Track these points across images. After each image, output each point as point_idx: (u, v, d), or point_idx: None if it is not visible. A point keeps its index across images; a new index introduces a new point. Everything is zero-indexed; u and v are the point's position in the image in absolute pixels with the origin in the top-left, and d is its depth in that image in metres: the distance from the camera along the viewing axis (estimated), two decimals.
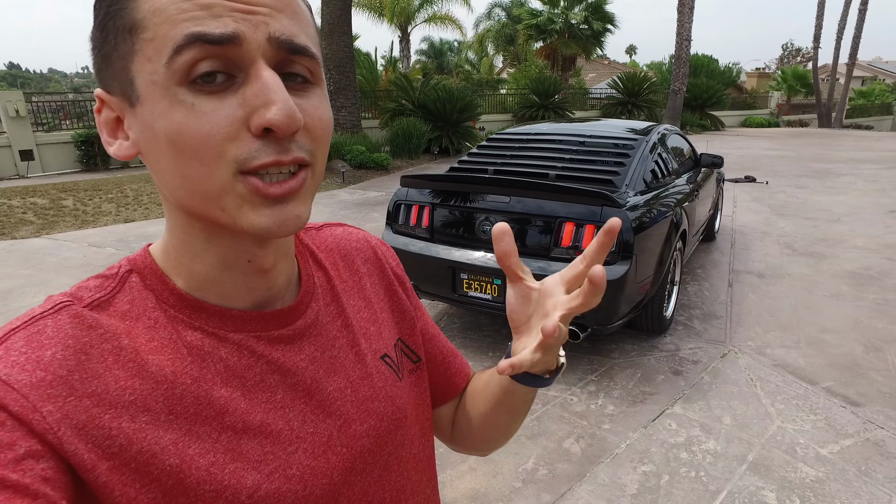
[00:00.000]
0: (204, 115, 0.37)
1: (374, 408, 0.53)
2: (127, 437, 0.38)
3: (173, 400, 0.41)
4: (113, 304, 0.43)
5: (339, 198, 7.90)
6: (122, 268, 0.46)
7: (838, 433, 2.39)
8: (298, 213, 0.42)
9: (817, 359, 3.05)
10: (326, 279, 0.56)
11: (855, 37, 22.77)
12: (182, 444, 0.40)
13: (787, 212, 6.65)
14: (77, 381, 0.38)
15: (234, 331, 0.46)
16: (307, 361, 0.49)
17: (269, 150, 0.39)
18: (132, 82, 0.39)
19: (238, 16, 0.38)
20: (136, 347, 0.41)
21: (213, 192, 0.39)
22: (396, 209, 3.28)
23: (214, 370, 0.44)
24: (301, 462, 0.46)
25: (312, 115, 0.41)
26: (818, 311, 3.68)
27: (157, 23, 0.37)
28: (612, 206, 2.68)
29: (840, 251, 5.00)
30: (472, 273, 2.91)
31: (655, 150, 3.52)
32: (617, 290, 2.65)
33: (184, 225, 0.44)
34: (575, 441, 2.39)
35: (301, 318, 0.50)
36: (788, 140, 16.05)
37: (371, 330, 0.57)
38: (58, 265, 4.79)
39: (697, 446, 2.34)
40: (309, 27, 0.43)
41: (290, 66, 0.41)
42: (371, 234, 0.68)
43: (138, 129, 0.41)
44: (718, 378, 2.87)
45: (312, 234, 0.60)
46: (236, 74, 0.38)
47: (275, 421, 0.45)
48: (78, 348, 0.39)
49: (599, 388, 2.79)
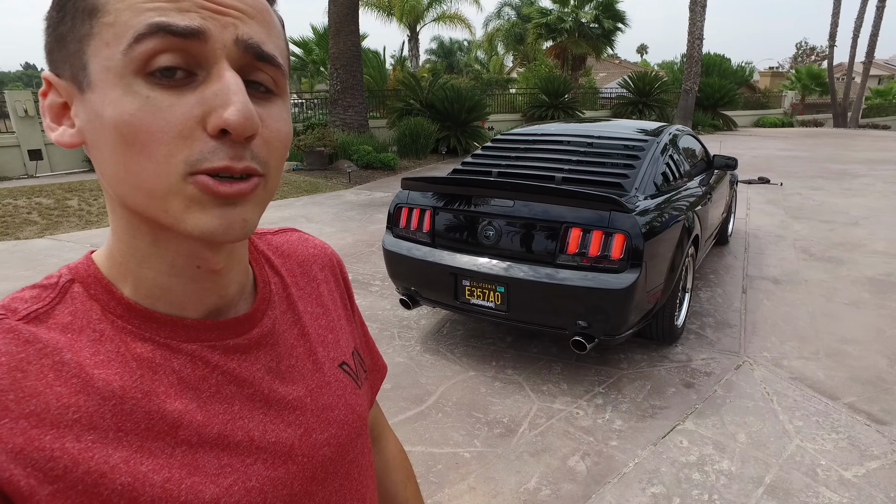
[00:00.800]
0: (158, 110, 0.36)
1: (335, 416, 0.52)
2: (72, 457, 0.36)
3: (122, 416, 0.39)
4: (52, 316, 0.40)
5: (344, 198, 7.82)
6: (62, 277, 0.43)
7: (863, 454, 2.24)
8: (245, 218, 0.40)
9: (838, 372, 2.90)
10: (283, 286, 0.55)
11: (872, 34, 22.33)
12: (134, 461, 0.38)
13: (802, 214, 6.46)
14: (12, 401, 0.35)
15: (186, 341, 0.44)
16: (264, 371, 0.48)
17: (222, 153, 0.37)
18: (85, 67, 0.38)
19: (206, 13, 0.37)
20: (79, 362, 0.39)
21: (158, 191, 0.38)
22: (397, 212, 3.17)
23: (167, 382, 0.42)
24: (261, 473, 0.45)
25: (271, 125, 0.41)
26: (837, 320, 3.53)
27: (119, 8, 0.36)
28: (621, 211, 2.55)
29: (859, 256, 4.82)
30: (474, 280, 2.79)
31: (667, 151, 3.38)
32: (626, 298, 2.52)
33: (128, 227, 0.42)
34: (580, 459, 2.26)
35: (257, 327, 0.49)
36: (803, 140, 15.76)
37: (329, 338, 0.57)
38: (59, 266, 4.72)
39: (710, 466, 2.20)
40: (279, 39, 0.42)
41: (254, 73, 0.40)
42: (326, 241, 0.67)
43: (85, 117, 0.39)
44: (732, 391, 2.73)
45: (268, 240, 0.59)
46: (197, 72, 0.37)
47: (233, 432, 0.44)
48: (13, 366, 0.37)
49: (607, 402, 2.67)
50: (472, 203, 2.89)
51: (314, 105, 14.47)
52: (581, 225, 2.61)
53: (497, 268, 2.74)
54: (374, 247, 5.20)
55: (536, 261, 2.70)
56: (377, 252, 4.96)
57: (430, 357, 3.12)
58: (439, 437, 2.42)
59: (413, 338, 3.36)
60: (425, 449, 2.33)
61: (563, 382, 2.84)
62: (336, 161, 10.15)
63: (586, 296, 2.55)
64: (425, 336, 3.39)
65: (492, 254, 2.81)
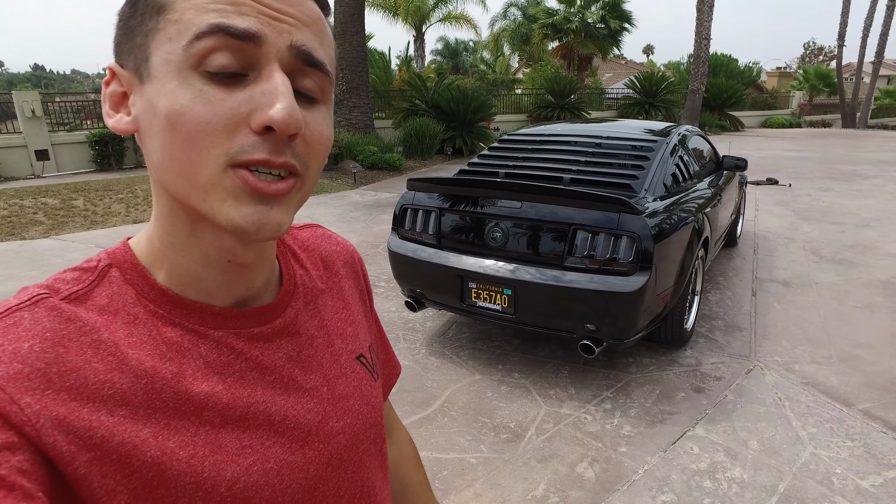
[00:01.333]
0: (209, 102, 0.38)
1: (350, 406, 0.54)
2: (107, 429, 0.38)
3: (152, 394, 0.41)
4: (91, 297, 0.43)
5: (349, 199, 7.79)
6: (101, 261, 0.45)
7: (880, 463, 2.19)
8: (279, 222, 0.42)
9: (852, 377, 2.84)
10: (307, 278, 0.57)
11: (882, 34, 22.11)
12: (161, 437, 0.40)
13: (811, 216, 6.39)
14: (55, 373, 0.38)
15: (213, 327, 0.46)
16: (285, 359, 0.50)
17: (263, 147, 0.39)
18: (148, 59, 0.40)
19: (264, 19, 0.39)
20: (115, 341, 0.41)
21: (199, 180, 0.40)
22: (403, 213, 3.14)
23: (194, 366, 0.44)
24: (279, 456, 0.46)
25: (314, 128, 0.42)
26: (850, 324, 3.46)
27: (185, 7, 0.39)
28: (631, 213, 2.51)
29: (871, 258, 4.75)
30: (480, 282, 2.75)
31: (676, 152, 3.33)
32: (635, 302, 2.47)
33: (169, 214, 0.45)
34: (589, 465, 2.22)
35: (280, 317, 0.51)
36: (811, 141, 15.62)
37: (348, 331, 0.58)
38: (64, 266, 4.65)
39: (722, 474, 2.16)
40: (329, 48, 0.44)
41: (302, 79, 0.42)
42: (348, 240, 0.68)
43: (141, 107, 0.41)
44: (743, 396, 2.68)
45: (294, 234, 0.61)
46: (248, 73, 0.39)
47: (254, 416, 0.46)
48: (56, 341, 0.39)
49: (615, 406, 2.62)
50: (479, 204, 2.85)
51: None
52: (590, 227, 2.56)
53: (504, 270, 2.70)
54: (379, 248, 5.17)
55: (544, 263, 2.66)
56: (382, 253, 4.92)
57: (435, 360, 3.09)
58: (445, 442, 2.38)
59: (418, 340, 3.33)
60: (430, 454, 2.29)
61: (571, 386, 2.80)
62: (341, 161, 10.13)
63: (595, 299, 2.51)
64: (431, 339, 3.35)
65: (499, 256, 2.77)
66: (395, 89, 14.65)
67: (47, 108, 10.23)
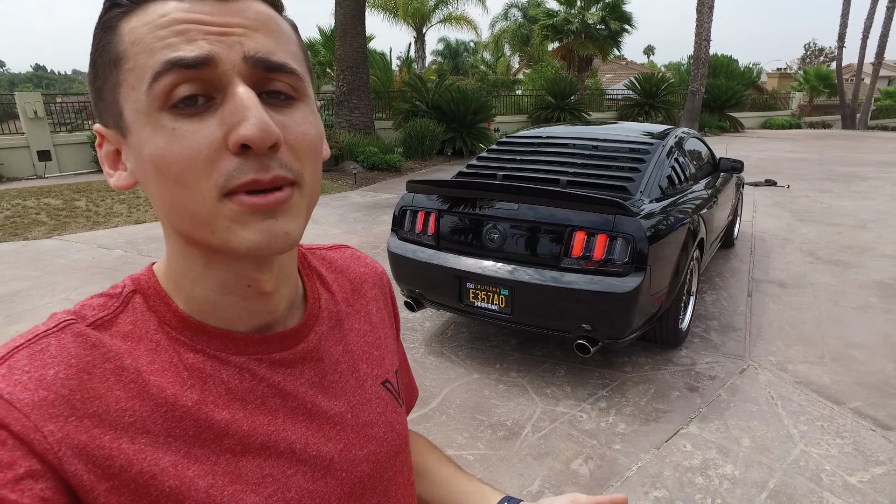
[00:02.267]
0: (184, 139, 0.38)
1: (374, 433, 0.53)
2: (127, 458, 0.38)
3: (173, 422, 0.41)
4: (116, 323, 0.43)
5: (350, 200, 7.84)
6: (126, 287, 0.46)
7: (868, 460, 2.23)
8: (288, 231, 0.41)
9: (844, 376, 2.88)
10: (333, 301, 0.56)
11: (882, 35, 22.13)
12: (181, 465, 0.40)
13: (809, 217, 6.43)
14: (79, 400, 0.38)
15: (235, 353, 0.46)
16: (307, 385, 0.49)
17: (248, 167, 0.39)
18: (121, 113, 0.40)
19: (212, 38, 0.39)
20: (137, 368, 0.41)
21: (201, 215, 0.40)
22: (402, 215, 3.18)
23: (216, 392, 0.44)
24: (300, 485, 0.46)
25: (295, 131, 0.41)
26: (844, 325, 3.51)
27: (136, 52, 0.39)
28: (626, 215, 2.55)
29: (867, 259, 4.79)
30: (478, 283, 2.80)
31: (672, 154, 3.38)
32: (630, 302, 2.52)
33: (181, 250, 0.45)
34: (583, 462, 2.27)
35: (303, 342, 0.50)
36: (811, 142, 15.66)
37: (374, 355, 0.57)
38: (66, 267, 4.79)
39: (714, 470, 2.20)
40: (290, 44, 0.43)
41: (269, 84, 0.41)
42: (377, 261, 0.68)
43: (132, 160, 0.42)
44: (737, 395, 2.73)
45: (321, 255, 0.61)
46: (215, 96, 0.39)
47: (275, 444, 0.46)
48: (81, 367, 0.39)
49: (610, 405, 2.66)
50: (477, 206, 2.89)
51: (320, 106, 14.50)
52: (585, 228, 2.61)
53: (501, 271, 2.74)
54: (379, 248, 5.22)
55: (541, 264, 2.70)
56: (382, 254, 4.97)
57: (434, 359, 3.13)
58: (443, 439, 2.42)
59: (417, 340, 3.37)
60: None
61: (567, 385, 2.84)
62: (342, 162, 10.19)
63: (590, 299, 2.55)
64: (430, 338, 3.40)
65: (496, 257, 2.81)
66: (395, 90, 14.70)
67: (49, 109, 10.29)
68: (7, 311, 3.82)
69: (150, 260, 0.47)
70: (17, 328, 3.53)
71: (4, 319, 3.69)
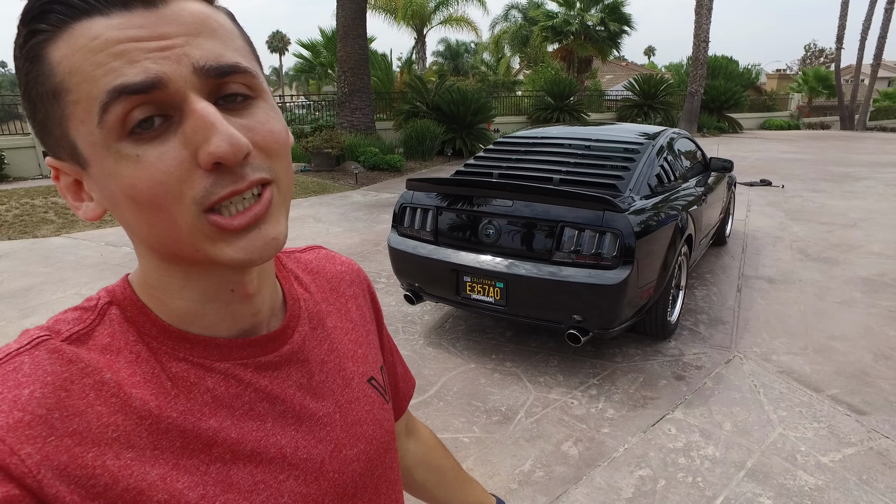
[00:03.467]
0: (151, 164, 0.37)
1: (364, 431, 0.53)
2: (112, 475, 0.37)
3: (158, 435, 0.40)
4: (92, 337, 0.42)
5: (351, 199, 7.98)
6: (101, 299, 0.45)
7: (841, 441, 2.36)
8: (274, 236, 0.41)
9: (824, 366, 3.01)
10: (312, 302, 0.56)
11: (880, 37, 22.27)
12: (170, 478, 0.39)
13: (801, 216, 6.56)
14: (57, 419, 0.36)
15: (219, 360, 0.45)
16: (295, 387, 0.49)
17: (224, 181, 0.38)
18: (75, 147, 0.38)
19: (155, 56, 0.36)
20: (118, 381, 0.40)
21: (183, 235, 0.39)
22: (402, 212, 3.32)
23: (202, 401, 0.43)
24: (293, 490, 0.46)
25: (261, 131, 0.40)
26: (828, 318, 3.64)
27: (77, 83, 0.36)
28: (614, 211, 2.69)
29: (854, 257, 4.92)
30: (474, 276, 2.93)
31: (662, 154, 3.51)
32: (618, 294, 2.65)
33: (158, 267, 0.44)
34: (573, 444, 2.40)
35: (287, 344, 0.50)
36: (808, 143, 15.78)
37: (358, 353, 0.58)
38: (75, 264, 4.93)
39: (696, 452, 2.33)
40: (234, 40, 0.41)
41: (224, 89, 0.39)
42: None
43: (97, 190, 0.40)
44: (721, 384, 2.86)
45: (296, 257, 0.60)
46: (172, 113, 0.37)
47: (266, 449, 0.45)
48: (58, 385, 0.37)
49: (601, 392, 2.80)
50: (474, 203, 3.03)
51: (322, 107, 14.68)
52: (576, 224, 2.74)
53: (497, 265, 2.88)
54: (379, 246, 5.35)
55: (534, 258, 2.84)
56: (383, 251, 5.11)
57: (432, 350, 3.27)
58: (440, 423, 2.56)
59: (417, 332, 3.51)
60: None
61: (560, 374, 2.98)
62: (343, 162, 10.33)
63: (581, 291, 2.69)
64: (428, 330, 3.53)
65: (492, 251, 2.95)
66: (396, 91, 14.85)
67: None
68: (22, 305, 3.96)
69: None
70: (31, 320, 3.67)
71: (19, 313, 3.83)
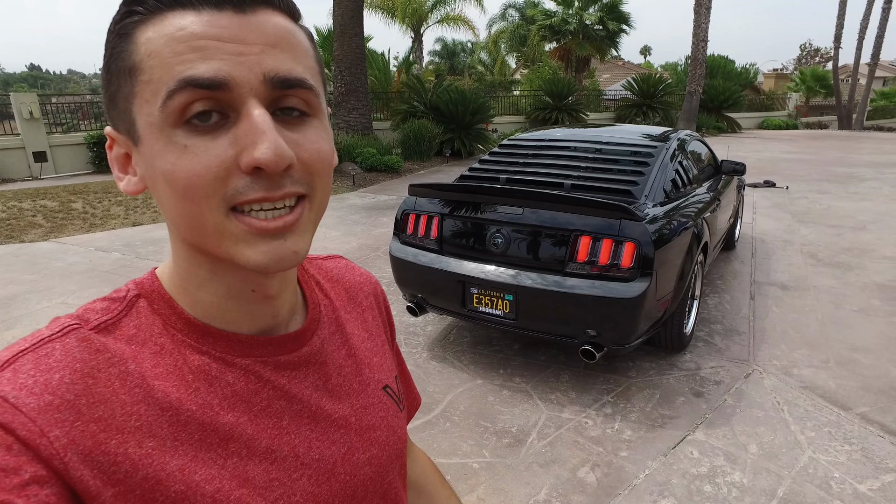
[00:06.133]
0: (196, 156, 0.38)
1: (376, 437, 0.53)
2: (132, 462, 0.38)
3: (178, 426, 0.41)
4: (119, 327, 0.43)
5: (348, 201, 7.80)
6: (129, 291, 0.46)
7: (877, 467, 2.21)
8: (296, 249, 0.42)
9: (849, 381, 2.87)
10: (332, 308, 0.57)
11: (878, 36, 22.23)
12: (188, 470, 0.40)
13: (809, 219, 6.43)
14: (84, 405, 0.38)
15: (240, 356, 0.46)
16: (312, 388, 0.50)
17: (259, 185, 0.39)
18: (134, 123, 0.40)
19: (230, 58, 0.38)
20: (141, 373, 0.41)
21: (208, 229, 0.40)
22: (404, 218, 3.15)
23: (221, 395, 0.44)
24: (305, 489, 0.46)
25: (309, 149, 0.41)
26: (847, 328, 3.49)
27: (152, 65, 0.38)
28: (632, 219, 2.53)
29: (868, 261, 4.78)
30: (482, 288, 2.77)
31: (675, 157, 3.36)
32: (636, 307, 2.49)
33: (187, 256, 0.45)
34: (590, 470, 2.24)
35: (307, 345, 0.51)
36: (808, 142, 15.70)
37: (374, 361, 0.58)
38: (63, 270, 4.74)
39: (722, 478, 2.18)
40: (307, 58, 0.43)
41: (284, 101, 0.41)
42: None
43: (143, 167, 0.42)
44: (742, 401, 2.71)
45: (318, 265, 0.61)
46: (229, 113, 0.39)
47: (280, 447, 0.46)
48: (86, 372, 0.39)
49: (616, 411, 2.64)
50: (480, 210, 2.87)
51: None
52: (591, 233, 2.58)
53: (505, 276, 2.72)
54: (379, 251, 5.19)
55: (545, 269, 2.68)
56: (382, 256, 4.94)
57: (436, 364, 3.10)
58: (448, 446, 2.40)
59: (419, 345, 3.35)
60: (433, 459, 2.31)
61: (572, 391, 2.82)
62: (340, 163, 10.14)
63: (596, 304, 2.53)
64: (432, 343, 3.37)
65: (500, 261, 2.79)
66: (393, 91, 14.66)
67: (44, 110, 10.21)
68: (3, 316, 3.77)
69: (149, 262, 0.44)
70: (13, 333, 3.48)
71: (1, 324, 3.64)
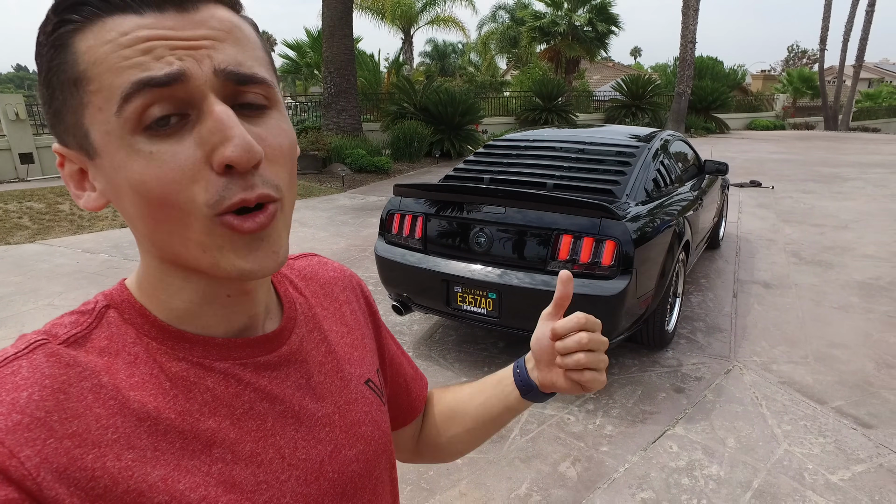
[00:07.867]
0: (164, 162, 0.37)
1: (362, 432, 0.53)
2: (112, 476, 0.37)
3: (158, 436, 0.40)
4: (90, 340, 0.42)
5: (338, 202, 7.81)
6: (98, 303, 0.45)
7: (849, 458, 2.27)
8: (275, 250, 0.42)
9: (826, 376, 2.93)
10: (308, 305, 0.56)
11: (862, 38, 22.55)
12: (171, 479, 0.39)
13: (793, 218, 6.52)
14: (56, 421, 0.37)
15: (219, 359, 0.45)
16: (294, 388, 0.49)
17: (235, 186, 0.38)
18: (87, 135, 0.39)
19: (180, 53, 0.37)
20: (116, 384, 0.40)
21: (192, 236, 0.39)
22: (390, 219, 3.18)
23: (201, 400, 0.43)
24: (294, 490, 0.46)
25: (272, 143, 0.41)
26: (827, 325, 3.56)
27: (100, 73, 0.37)
28: (612, 218, 2.57)
29: (849, 260, 4.87)
30: (466, 286, 2.80)
31: (658, 157, 3.41)
32: (617, 305, 2.54)
33: (160, 266, 0.44)
34: (571, 464, 2.28)
35: (285, 344, 0.50)
36: (794, 143, 15.88)
37: (354, 355, 0.58)
38: (49, 272, 4.72)
39: (700, 471, 2.22)
40: (256, 50, 0.42)
41: (241, 97, 0.40)
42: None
43: (103, 181, 0.40)
44: (722, 396, 2.76)
45: (290, 264, 0.61)
46: (189, 112, 0.38)
47: (265, 449, 0.45)
48: (56, 388, 0.38)
49: (598, 407, 2.68)
50: (464, 210, 2.90)
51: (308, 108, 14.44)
52: (572, 232, 2.62)
53: (489, 274, 2.75)
54: (367, 251, 5.20)
55: (528, 267, 2.72)
56: (370, 257, 4.96)
57: (422, 363, 3.13)
58: None
59: (405, 343, 3.37)
60: None
61: None
62: (330, 165, 10.15)
63: (577, 302, 2.56)
64: (417, 342, 3.40)
65: (484, 260, 2.82)
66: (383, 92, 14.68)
67: (31, 111, 10.12)
68: None
69: (137, 264, 0.45)
70: None
71: None
